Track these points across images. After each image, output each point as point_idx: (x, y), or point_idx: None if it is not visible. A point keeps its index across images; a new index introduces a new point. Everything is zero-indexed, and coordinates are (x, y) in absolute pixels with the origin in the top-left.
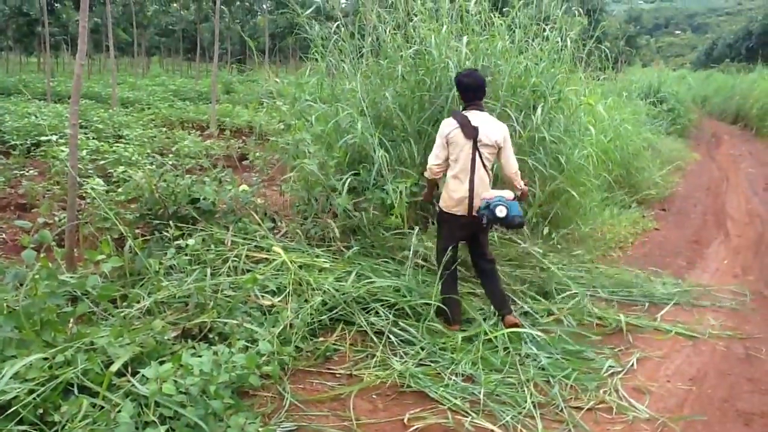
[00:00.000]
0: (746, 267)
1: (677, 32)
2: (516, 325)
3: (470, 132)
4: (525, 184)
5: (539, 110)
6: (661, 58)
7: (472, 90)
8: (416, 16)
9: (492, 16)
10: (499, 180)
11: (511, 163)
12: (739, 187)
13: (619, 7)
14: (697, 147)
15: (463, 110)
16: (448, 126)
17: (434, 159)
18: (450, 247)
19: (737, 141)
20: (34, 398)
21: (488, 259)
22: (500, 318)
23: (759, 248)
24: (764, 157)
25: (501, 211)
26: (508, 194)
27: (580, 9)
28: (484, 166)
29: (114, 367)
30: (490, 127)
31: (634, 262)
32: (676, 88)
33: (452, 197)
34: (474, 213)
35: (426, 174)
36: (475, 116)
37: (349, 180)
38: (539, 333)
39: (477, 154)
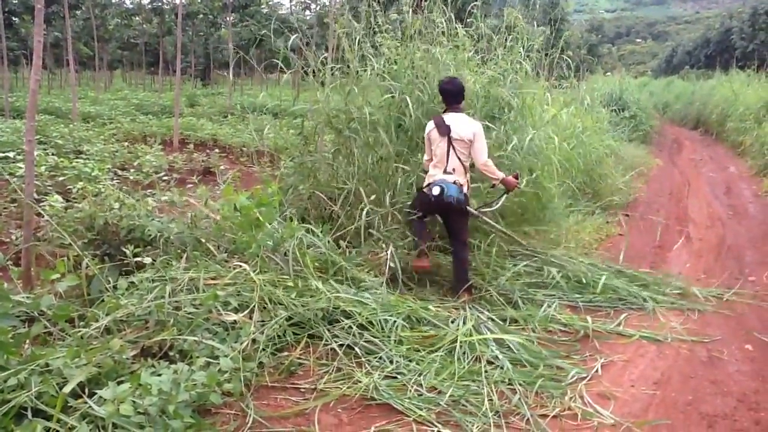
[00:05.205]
0: (708, 270)
1: (638, 40)
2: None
3: (443, 130)
4: (514, 175)
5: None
6: (623, 66)
7: (452, 95)
8: (381, 29)
9: (456, 27)
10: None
11: (479, 156)
12: (700, 191)
13: (581, 16)
14: (659, 153)
15: (443, 112)
16: (429, 126)
17: (425, 155)
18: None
19: (698, 146)
20: None
21: (458, 240)
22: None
23: (720, 251)
24: (724, 161)
25: (435, 190)
26: (459, 180)
27: (543, 18)
28: (458, 158)
29: (67, 388)
30: (461, 125)
31: (599, 267)
32: (638, 95)
33: (428, 180)
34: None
35: (424, 167)
36: (450, 117)
37: None
38: (505, 340)
39: (451, 147)
